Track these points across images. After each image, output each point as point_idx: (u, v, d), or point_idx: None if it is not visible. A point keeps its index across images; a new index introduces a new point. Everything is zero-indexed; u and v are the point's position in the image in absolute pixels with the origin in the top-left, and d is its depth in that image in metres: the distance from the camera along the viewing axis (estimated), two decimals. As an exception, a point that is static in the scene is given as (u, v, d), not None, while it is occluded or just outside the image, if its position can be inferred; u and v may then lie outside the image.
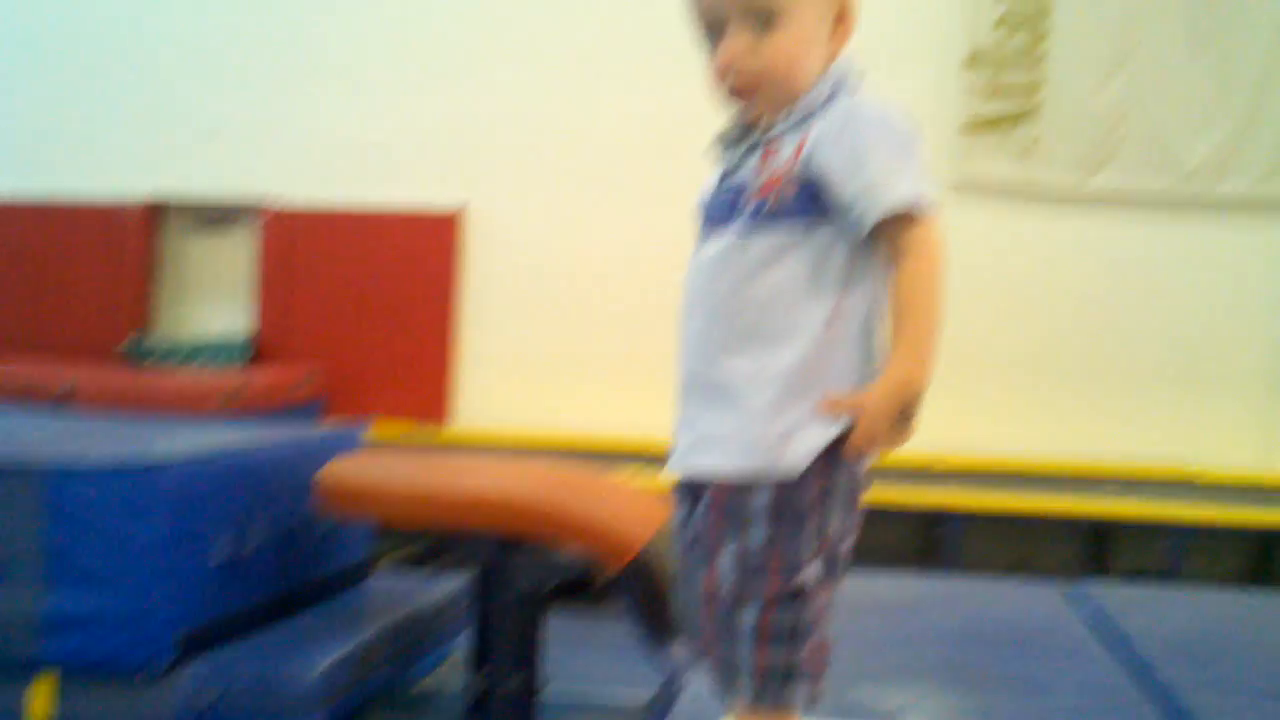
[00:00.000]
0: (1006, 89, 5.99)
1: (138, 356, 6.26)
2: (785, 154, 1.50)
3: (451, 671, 3.56)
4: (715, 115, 1.62)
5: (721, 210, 1.55)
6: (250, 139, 6.57)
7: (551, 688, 3.16)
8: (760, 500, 1.48)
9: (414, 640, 3.24)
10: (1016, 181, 5.96)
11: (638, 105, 6.17)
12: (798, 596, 1.49)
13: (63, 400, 5.03)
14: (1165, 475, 5.69)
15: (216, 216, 6.73)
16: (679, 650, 3.01)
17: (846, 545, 1.56)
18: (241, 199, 6.58)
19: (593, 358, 6.30)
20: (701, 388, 1.56)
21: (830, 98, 1.51)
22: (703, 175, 1.74)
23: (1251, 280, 5.95)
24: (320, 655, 2.76)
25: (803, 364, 1.48)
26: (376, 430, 4.00)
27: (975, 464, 5.48)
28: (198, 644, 2.74)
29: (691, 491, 1.57)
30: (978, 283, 5.87)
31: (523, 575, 2.97)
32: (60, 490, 2.65)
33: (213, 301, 6.79)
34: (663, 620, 2.91)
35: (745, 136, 1.59)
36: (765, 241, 1.49)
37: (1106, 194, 5.96)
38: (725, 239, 1.53)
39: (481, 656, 3.02)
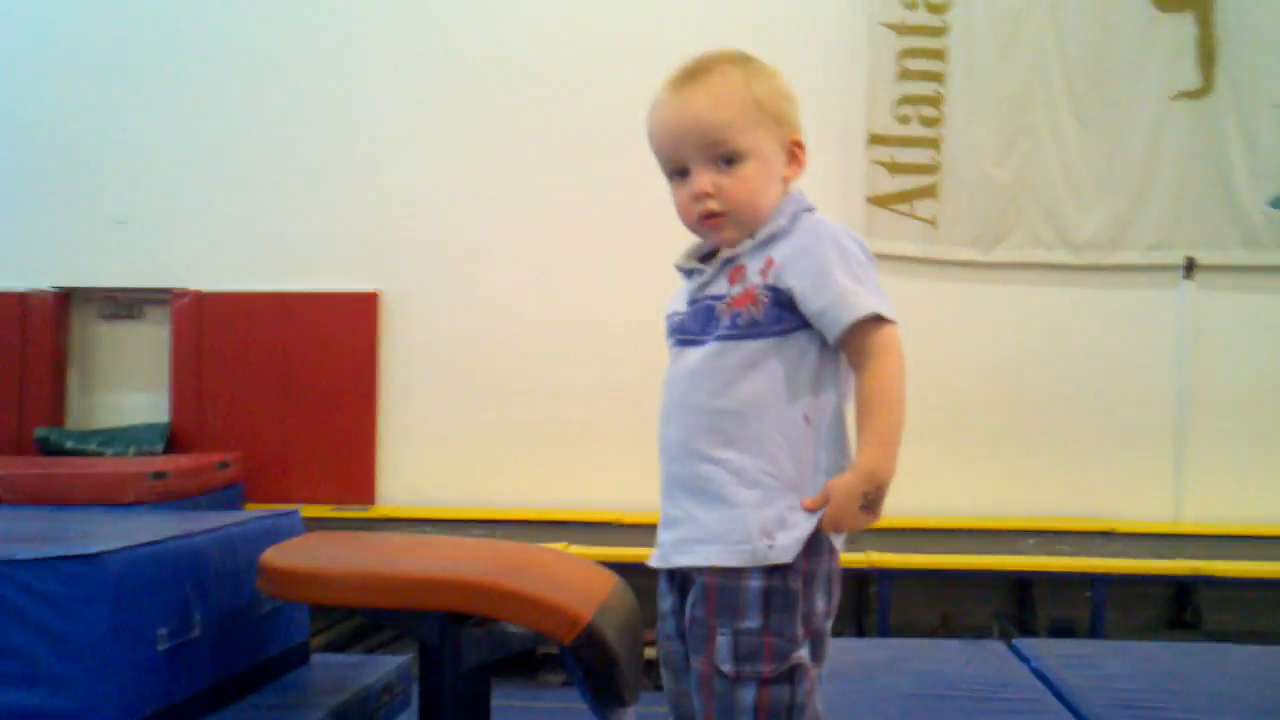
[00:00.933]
0: (907, 167, 6.19)
1: (52, 446, 6.15)
2: (753, 270, 1.62)
3: (396, 750, 3.54)
4: (621, 190, 1.71)
5: (697, 323, 1.65)
6: (160, 229, 6.55)
7: (501, 762, 3.15)
8: (753, 588, 1.56)
9: (360, 719, 3.21)
10: (921, 254, 6.15)
11: (549, 190, 6.28)
12: (793, 675, 1.57)
13: (-21, 493, 4.92)
14: (1083, 527, 5.84)
15: (127, 304, 6.67)
16: (630, 718, 3.03)
17: (828, 625, 1.63)
18: (152, 287, 6.54)
19: (513, 433, 6.33)
20: (686, 489, 1.63)
21: (791, 221, 1.61)
22: (613, 249, 1.86)
23: (1150, 339, 6.17)
24: (270, 740, 2.73)
25: (784, 461, 1.58)
26: (303, 513, 3.99)
27: (899, 523, 5.57)
28: (144, 735, 2.70)
29: (678, 583, 1.63)
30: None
31: (468, 651, 2.96)
32: (-2, 583, 2.60)
33: (127, 389, 6.71)
34: (612, 689, 2.92)
35: (710, 257, 1.70)
36: (742, 350, 1.60)
37: (1007, 263, 6.17)
38: (703, 350, 1.63)
39: (429, 734, 3.00)
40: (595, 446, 6.28)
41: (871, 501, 1.55)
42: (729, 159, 1.61)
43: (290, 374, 6.41)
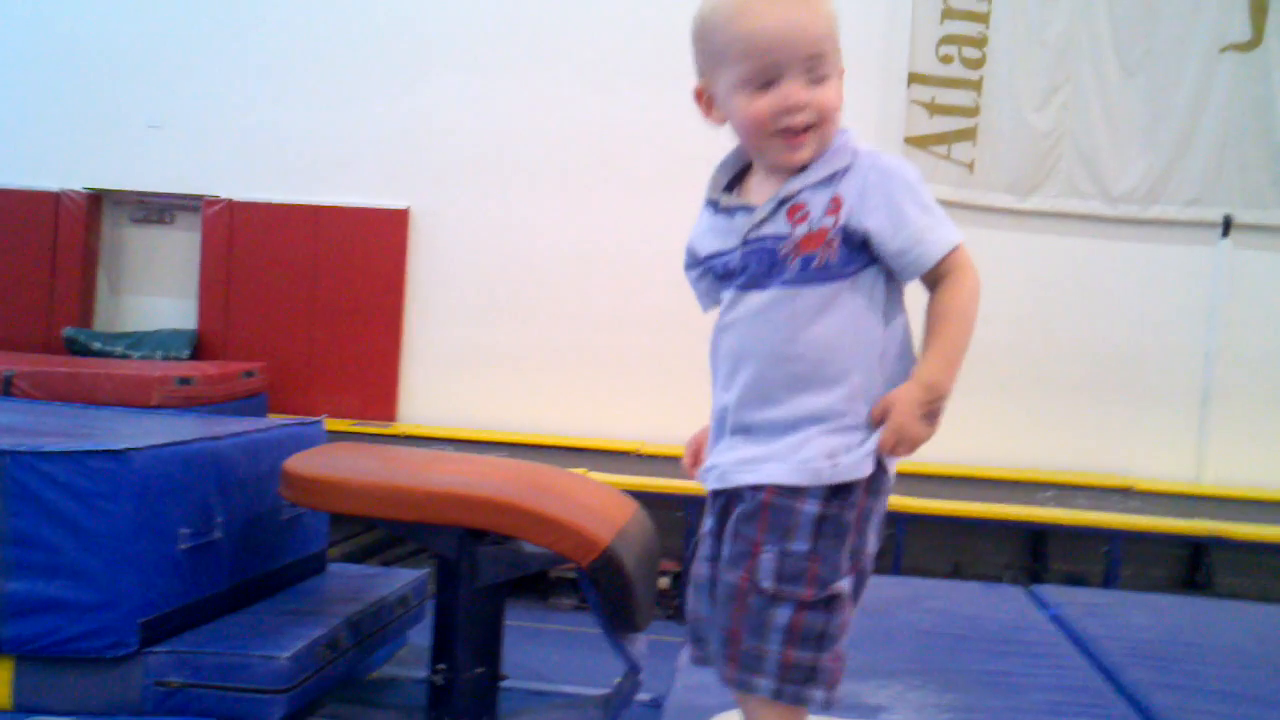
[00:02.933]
0: (946, 109, 6.12)
1: (79, 347, 6.19)
2: (819, 211, 1.59)
3: (406, 661, 3.58)
4: (650, 117, 1.69)
5: (759, 266, 1.62)
6: (194, 136, 6.54)
7: (511, 679, 3.18)
8: (807, 512, 1.56)
9: (374, 630, 3.24)
10: (956, 198, 6.09)
11: (581, 108, 6.23)
12: (830, 604, 1.56)
13: (6, 388, 4.95)
14: (1101, 484, 5.83)
15: (158, 209, 6.67)
16: (640, 644, 3.05)
17: (871, 566, 1.63)
18: (184, 193, 6.54)
19: (536, 358, 6.34)
20: (755, 429, 1.62)
21: (852, 156, 1.61)
22: (646, 178, 1.84)
23: (1182, 297, 6.12)
24: (286, 642, 2.76)
25: (858, 398, 1.58)
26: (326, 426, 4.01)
27: (915, 468, 5.57)
28: (160, 631, 2.73)
29: (722, 504, 1.62)
30: (916, 295, 5.98)
31: (485, 568, 2.99)
32: (24, 475, 2.62)
33: (155, 294, 6.73)
34: (626, 614, 2.94)
35: (733, 187, 1.69)
36: (815, 293, 1.59)
37: (1042, 212, 6.11)
38: (769, 294, 1.61)
39: (443, 647, 3.03)
40: (618, 376, 6.29)
41: (931, 412, 1.56)
42: (822, 74, 1.59)
43: (318, 287, 6.42)
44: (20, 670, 2.64)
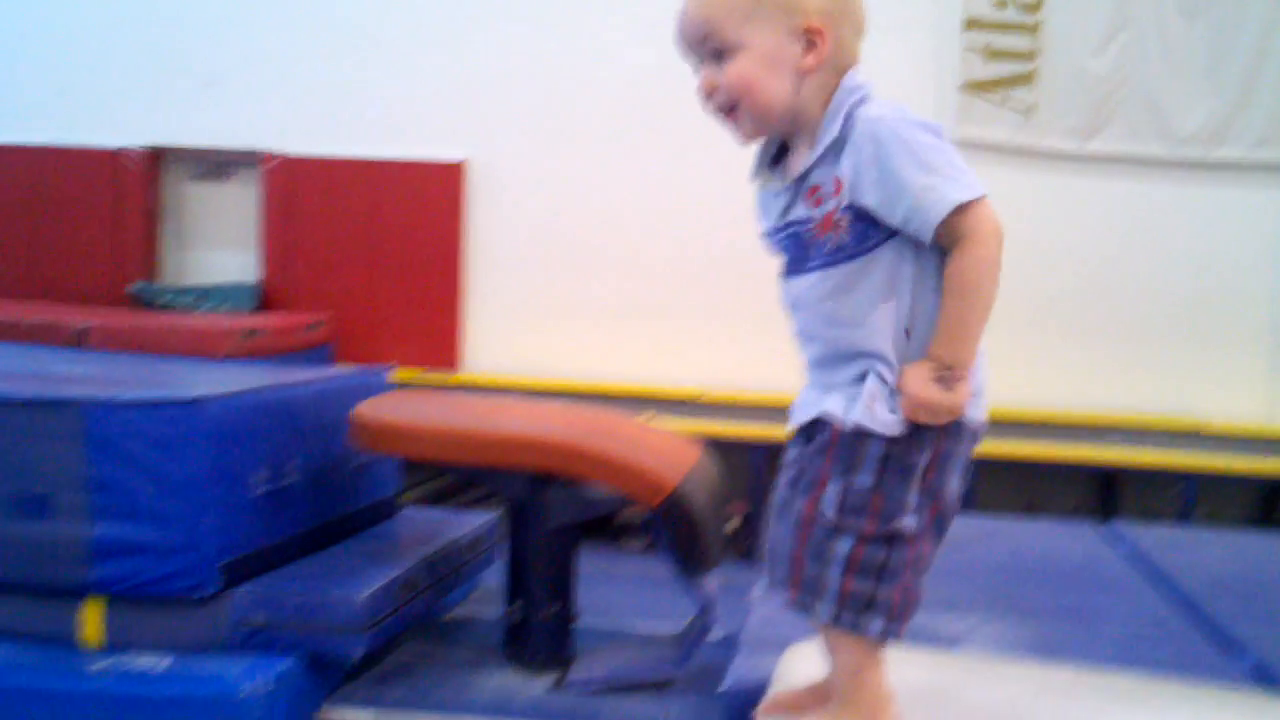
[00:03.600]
0: (1004, 53, 6.02)
1: (146, 301, 6.26)
2: (827, 190, 1.59)
3: (480, 602, 3.62)
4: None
5: (794, 251, 1.65)
6: (251, 91, 6.56)
7: (584, 618, 3.21)
8: (873, 450, 1.57)
9: (448, 571, 3.28)
10: (1015, 144, 6.00)
11: (638, 57, 6.18)
12: (892, 540, 1.58)
13: (79, 341, 5.03)
14: (1173, 425, 5.77)
15: (216, 165, 6.72)
16: (711, 584, 3.07)
17: (955, 508, 1.65)
18: (242, 149, 6.58)
19: (595, 307, 6.34)
20: (821, 386, 1.66)
21: (845, 125, 1.58)
22: (701, 125, 1.88)
23: (1251, 238, 6.01)
24: (363, 583, 2.80)
25: (893, 366, 1.58)
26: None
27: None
28: (241, 572, 2.78)
29: (807, 434, 1.64)
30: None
31: (556, 510, 3.01)
32: (103, 423, 2.67)
33: (218, 248, 6.79)
34: (695, 556, 2.96)
35: (777, 162, 1.69)
36: (839, 274, 1.59)
37: (1104, 155, 6.01)
38: (807, 280, 1.63)
39: (515, 588, 3.06)
40: (678, 324, 6.28)
41: (942, 379, 1.54)
42: (718, 54, 1.63)
43: (378, 240, 6.45)
44: (111, 611, 2.70)
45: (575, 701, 2.85)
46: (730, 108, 1.63)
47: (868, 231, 1.56)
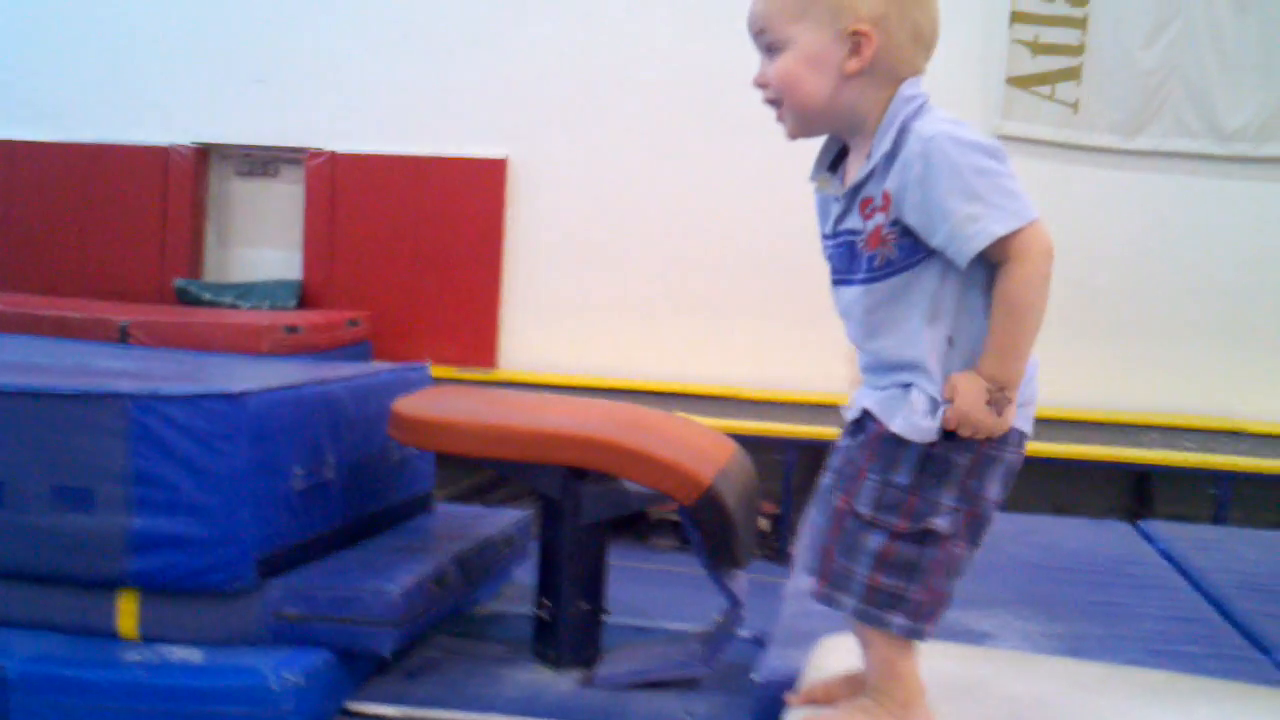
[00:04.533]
0: (1051, 47, 5.99)
1: (189, 297, 6.35)
2: (878, 204, 1.60)
3: (512, 597, 3.66)
4: (749, 61, 1.71)
5: (844, 261, 1.66)
6: (297, 89, 6.64)
7: (614, 616, 3.24)
8: (913, 451, 1.59)
9: (480, 567, 3.32)
10: (1060, 138, 5.98)
11: (679, 54, 6.21)
12: (925, 539, 1.59)
13: (123, 337, 5.11)
14: (1210, 426, 5.73)
15: (262, 162, 6.80)
16: (741, 582, 3.09)
17: (992, 513, 1.66)
18: (288, 146, 6.65)
19: (635, 304, 6.37)
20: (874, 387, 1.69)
21: (898, 139, 1.58)
22: (738, 124, 1.89)
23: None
24: (397, 577, 2.84)
25: (937, 379, 1.59)
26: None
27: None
28: (276, 566, 2.83)
29: (857, 426, 1.66)
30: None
31: (588, 506, 3.04)
32: (146, 417, 2.71)
33: (261, 245, 6.88)
34: (727, 552, 2.97)
35: (836, 165, 1.71)
36: (884, 288, 1.60)
37: (1149, 151, 5.98)
38: (854, 291, 1.65)
39: (547, 583, 3.09)
40: (715, 321, 6.30)
41: (995, 401, 1.55)
42: (770, 49, 1.65)
43: (419, 237, 6.51)
44: (146, 603, 2.75)
45: (604, 697, 2.88)
46: (776, 102, 1.66)
47: (915, 246, 1.57)
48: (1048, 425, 5.50)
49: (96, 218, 6.72)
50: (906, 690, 1.63)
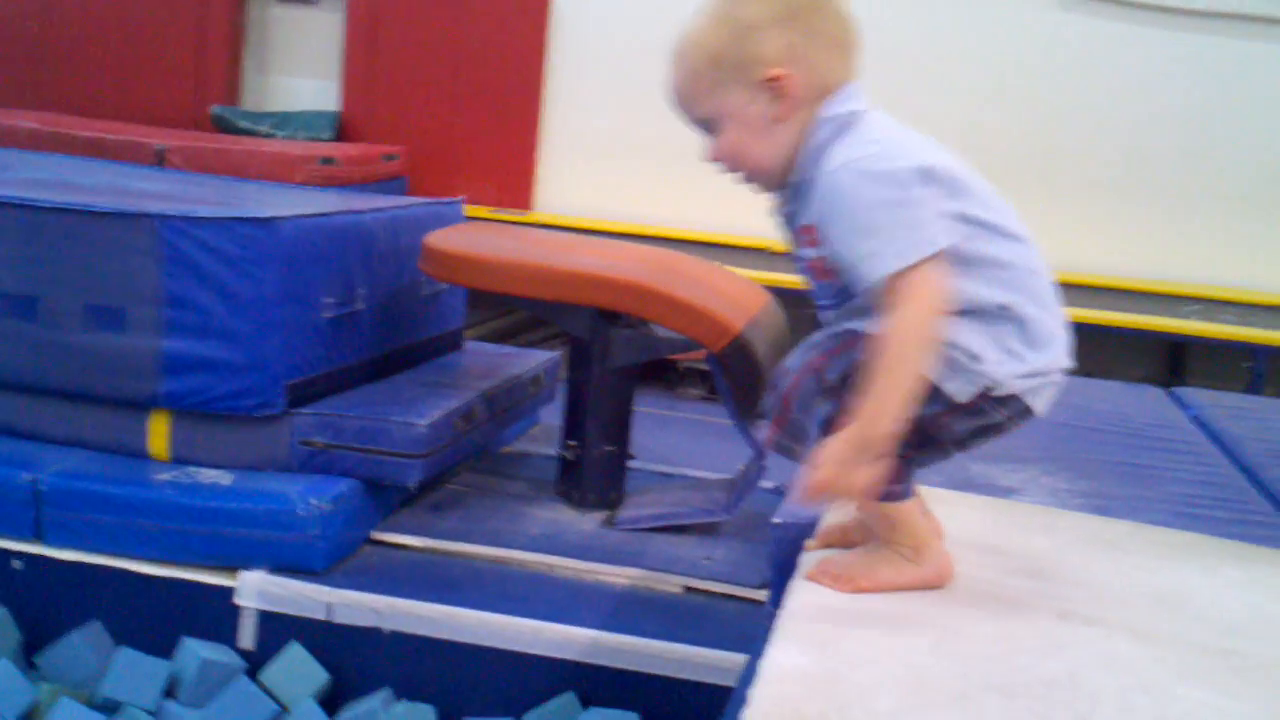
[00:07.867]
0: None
1: (226, 124, 6.30)
2: (811, 236, 1.56)
3: (538, 438, 3.69)
4: None
5: (812, 284, 1.63)
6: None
7: (639, 460, 3.26)
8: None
9: (508, 406, 3.33)
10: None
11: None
12: None
13: (159, 161, 5.09)
14: (1249, 299, 5.65)
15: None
16: (766, 432, 3.09)
17: (948, 452, 1.62)
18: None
19: (673, 152, 6.21)
20: None
21: (813, 170, 1.52)
22: None
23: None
24: (425, 411, 2.86)
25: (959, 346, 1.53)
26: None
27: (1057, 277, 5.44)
28: (305, 394, 2.84)
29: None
30: (1072, 95, 5.79)
31: (617, 349, 3.04)
32: (178, 239, 2.70)
33: (299, 75, 6.78)
34: (755, 402, 2.97)
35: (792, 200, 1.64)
36: (856, 306, 1.55)
37: (1205, 11, 5.77)
38: (831, 313, 1.62)
39: (573, 426, 3.11)
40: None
41: (860, 457, 1.43)
42: (705, 127, 1.60)
43: (459, 72, 6.40)
44: (177, 425, 2.78)
45: (624, 539, 2.92)
46: (735, 176, 1.61)
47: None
48: (1085, 291, 5.47)
49: (133, 40, 6.63)
50: (913, 535, 1.61)
